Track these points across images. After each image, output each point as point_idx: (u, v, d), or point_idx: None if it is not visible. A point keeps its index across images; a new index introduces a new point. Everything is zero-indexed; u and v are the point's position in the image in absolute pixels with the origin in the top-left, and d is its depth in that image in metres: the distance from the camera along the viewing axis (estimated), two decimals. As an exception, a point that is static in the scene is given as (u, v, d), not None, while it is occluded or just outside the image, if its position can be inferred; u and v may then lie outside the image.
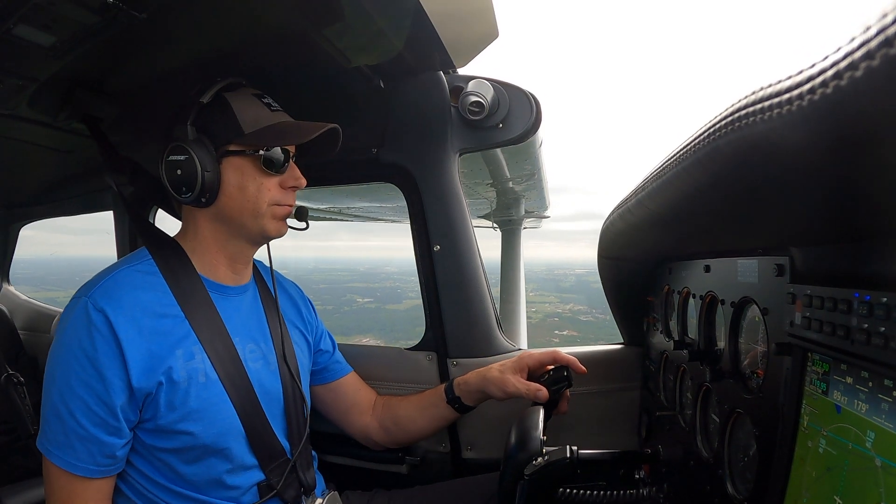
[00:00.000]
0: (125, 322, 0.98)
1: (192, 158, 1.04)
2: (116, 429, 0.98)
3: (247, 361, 1.12)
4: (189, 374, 1.02)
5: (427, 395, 1.38)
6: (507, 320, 6.27)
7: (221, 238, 1.13)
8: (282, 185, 1.11)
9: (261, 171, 1.08)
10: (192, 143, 1.04)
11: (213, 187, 1.06)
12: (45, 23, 0.97)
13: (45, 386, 0.99)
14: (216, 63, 1.23)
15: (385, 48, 1.24)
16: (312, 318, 1.40)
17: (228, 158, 1.07)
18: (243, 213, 1.09)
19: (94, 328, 0.96)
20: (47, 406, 0.98)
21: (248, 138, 1.07)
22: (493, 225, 6.96)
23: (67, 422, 0.96)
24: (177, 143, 1.05)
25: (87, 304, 0.98)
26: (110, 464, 0.99)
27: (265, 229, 1.11)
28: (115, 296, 1.00)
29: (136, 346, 0.98)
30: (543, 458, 0.97)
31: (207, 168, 1.04)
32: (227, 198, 1.08)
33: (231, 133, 1.07)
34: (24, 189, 2.39)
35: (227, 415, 1.06)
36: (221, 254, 1.14)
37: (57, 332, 1.01)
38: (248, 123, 1.07)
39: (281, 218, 1.13)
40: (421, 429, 1.38)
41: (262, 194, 1.09)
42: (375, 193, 4.36)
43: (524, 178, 4.39)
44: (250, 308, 1.21)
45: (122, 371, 0.96)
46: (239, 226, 1.11)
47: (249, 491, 1.10)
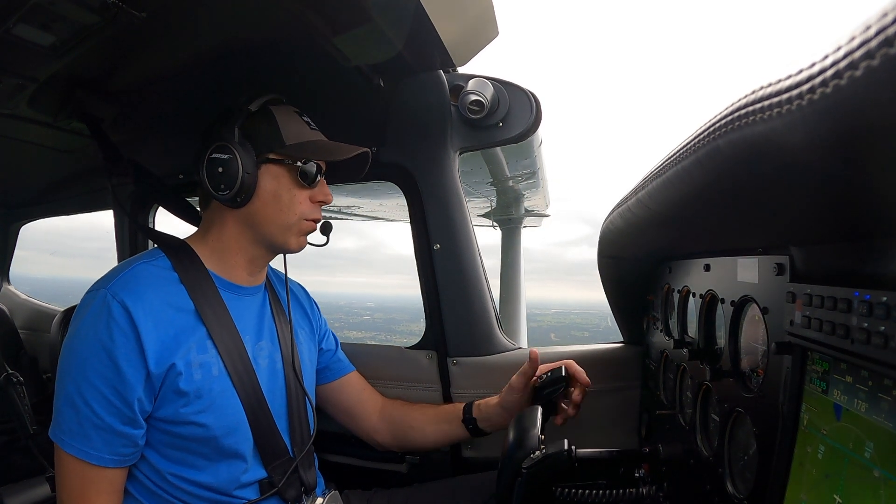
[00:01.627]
0: (144, 313, 0.99)
1: (236, 158, 1.08)
2: (131, 419, 0.99)
3: (255, 360, 1.14)
4: (202, 366, 1.04)
5: (443, 410, 1.39)
6: (507, 320, 6.28)
7: (245, 241, 1.16)
8: (311, 200, 1.16)
9: (296, 183, 1.13)
10: (236, 145, 1.08)
11: (250, 190, 1.10)
12: (44, 23, 0.98)
13: (59, 376, 1.00)
14: (216, 63, 1.23)
15: (385, 47, 1.24)
16: (317, 318, 1.41)
17: (267, 166, 1.11)
18: (274, 220, 1.13)
19: (112, 320, 0.97)
20: (61, 396, 0.99)
21: (289, 149, 1.12)
22: (493, 224, 6.96)
23: (83, 410, 0.97)
24: (222, 142, 1.09)
25: (107, 296, 0.99)
26: (125, 453, 1.00)
27: (288, 243, 1.16)
28: (135, 288, 1.02)
29: (153, 337, 0.99)
30: (541, 452, 0.97)
31: (248, 170, 1.09)
32: (260, 202, 1.12)
33: (273, 142, 1.11)
34: (24, 189, 2.39)
35: (235, 409, 1.07)
36: (241, 256, 1.17)
37: (73, 323, 1.02)
38: (289, 136, 1.13)
39: (306, 233, 1.17)
40: (431, 442, 1.39)
41: (294, 206, 1.13)
42: (375, 192, 4.37)
43: (524, 176, 4.40)
44: (260, 308, 1.23)
45: (140, 362, 0.98)
46: (265, 232, 1.14)
47: (251, 487, 1.11)
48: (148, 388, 0.99)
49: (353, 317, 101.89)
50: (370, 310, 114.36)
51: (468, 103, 1.37)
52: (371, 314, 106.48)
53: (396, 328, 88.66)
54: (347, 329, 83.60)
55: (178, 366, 1.01)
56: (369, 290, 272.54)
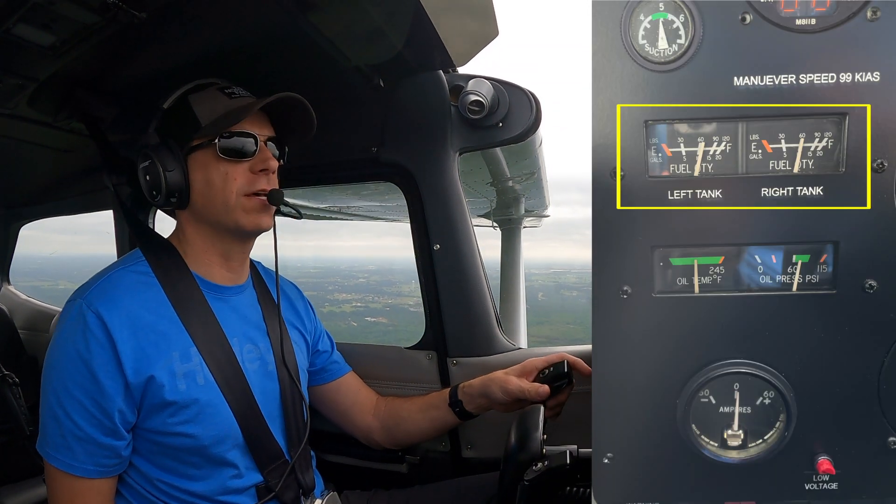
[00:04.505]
0: (120, 323, 0.98)
1: (154, 162, 1.05)
2: (113, 430, 0.97)
3: (244, 363, 1.11)
4: (186, 376, 1.02)
5: (431, 397, 1.37)
6: (507, 320, 6.27)
7: (207, 238, 1.13)
8: (252, 171, 1.08)
9: (223, 161, 1.06)
10: (153, 148, 1.06)
11: (180, 187, 1.06)
12: (44, 22, 0.98)
13: (42, 388, 0.99)
14: (216, 63, 1.23)
15: (384, 47, 1.24)
16: (311, 319, 1.39)
17: (193, 156, 1.07)
18: (214, 207, 1.08)
19: (88, 331, 0.96)
20: (44, 409, 0.98)
21: (205, 130, 1.06)
22: (493, 224, 6.96)
23: (64, 423, 0.96)
24: (142, 149, 1.07)
25: (83, 306, 0.98)
26: (109, 465, 0.99)
27: (238, 223, 1.08)
28: (111, 297, 1.00)
29: (131, 347, 0.98)
30: (543, 464, 0.96)
31: (169, 167, 1.05)
32: (197, 195, 1.08)
33: (190, 129, 1.06)
34: (24, 189, 2.39)
35: (225, 417, 1.05)
36: (213, 253, 1.14)
37: (53, 334, 1.01)
38: (204, 116, 1.07)
39: (253, 210, 1.08)
40: (422, 430, 1.37)
41: (229, 184, 1.06)
42: (375, 192, 4.37)
43: (524, 176, 4.40)
44: (248, 308, 1.20)
45: (118, 373, 0.96)
46: (216, 222, 1.10)
47: (247, 492, 1.10)
48: (128, 398, 0.98)
49: (350, 279, 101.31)
50: (369, 272, 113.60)
51: (468, 103, 1.37)
52: (368, 276, 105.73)
53: (387, 289, 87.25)
54: (338, 292, 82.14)
55: (161, 377, 0.99)
56: (374, 254, 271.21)
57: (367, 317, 64.94)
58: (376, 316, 66.34)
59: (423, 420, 1.35)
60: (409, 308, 65.68)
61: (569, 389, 1.24)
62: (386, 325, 59.64)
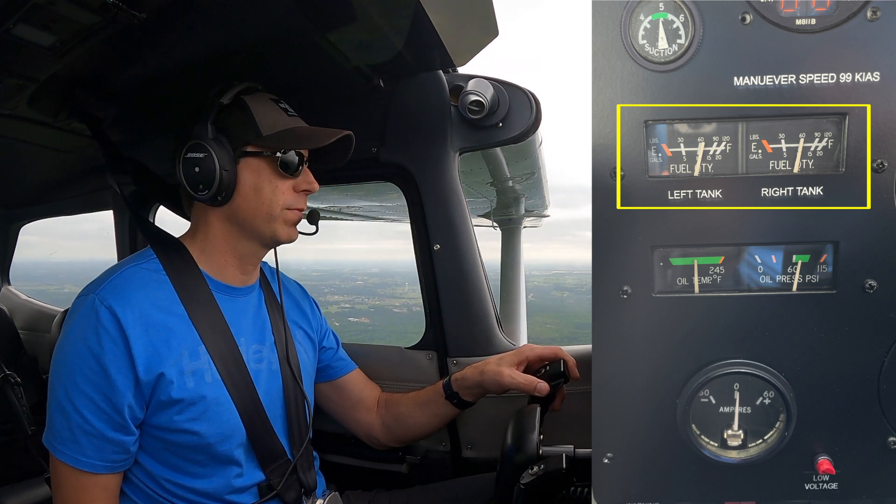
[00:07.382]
0: (133, 319, 0.98)
1: (211, 156, 1.04)
2: (122, 426, 0.98)
3: (249, 362, 1.12)
4: (194, 374, 1.03)
5: (427, 391, 1.37)
6: (507, 320, 6.27)
7: (232, 239, 1.14)
8: (295, 189, 1.13)
9: (276, 174, 1.10)
10: (210, 142, 1.05)
11: (230, 186, 1.07)
12: (45, 23, 0.98)
13: (50, 382, 0.99)
14: (216, 63, 1.23)
15: (385, 47, 1.24)
16: (316, 317, 1.39)
17: (245, 159, 1.08)
18: (257, 214, 1.10)
19: (101, 326, 0.96)
20: (52, 403, 0.98)
21: (267, 140, 1.08)
22: (493, 224, 6.96)
23: (73, 417, 0.96)
24: (196, 140, 1.06)
25: (95, 301, 0.98)
26: (116, 460, 1.00)
27: (276, 233, 1.12)
28: (124, 293, 1.00)
29: (143, 345, 0.98)
30: (540, 467, 0.96)
31: (225, 167, 1.05)
32: (241, 198, 1.09)
33: (250, 134, 1.08)
34: (24, 189, 2.39)
35: (230, 416, 1.06)
36: (231, 254, 1.15)
37: (63, 329, 1.01)
38: (266, 126, 1.09)
39: (292, 223, 1.14)
40: (421, 426, 1.37)
41: (277, 197, 1.10)
42: (375, 192, 4.36)
43: (524, 176, 4.40)
44: (255, 309, 1.21)
45: (129, 370, 0.97)
46: (251, 228, 1.12)
47: (249, 491, 1.11)
48: (138, 394, 0.98)
49: (348, 282, 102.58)
50: (370, 275, 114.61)
51: (468, 103, 1.37)
52: (367, 279, 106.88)
53: (379, 291, 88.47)
54: (332, 294, 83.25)
55: (170, 374, 1.00)
56: (378, 257, 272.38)
57: (351, 317, 66.00)
58: (360, 317, 67.34)
59: (422, 415, 1.35)
60: (392, 309, 67.12)
61: (563, 389, 1.24)
62: (366, 325, 60.74)
